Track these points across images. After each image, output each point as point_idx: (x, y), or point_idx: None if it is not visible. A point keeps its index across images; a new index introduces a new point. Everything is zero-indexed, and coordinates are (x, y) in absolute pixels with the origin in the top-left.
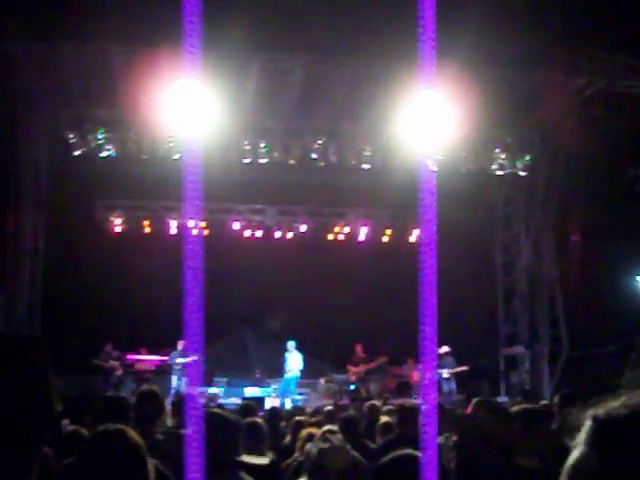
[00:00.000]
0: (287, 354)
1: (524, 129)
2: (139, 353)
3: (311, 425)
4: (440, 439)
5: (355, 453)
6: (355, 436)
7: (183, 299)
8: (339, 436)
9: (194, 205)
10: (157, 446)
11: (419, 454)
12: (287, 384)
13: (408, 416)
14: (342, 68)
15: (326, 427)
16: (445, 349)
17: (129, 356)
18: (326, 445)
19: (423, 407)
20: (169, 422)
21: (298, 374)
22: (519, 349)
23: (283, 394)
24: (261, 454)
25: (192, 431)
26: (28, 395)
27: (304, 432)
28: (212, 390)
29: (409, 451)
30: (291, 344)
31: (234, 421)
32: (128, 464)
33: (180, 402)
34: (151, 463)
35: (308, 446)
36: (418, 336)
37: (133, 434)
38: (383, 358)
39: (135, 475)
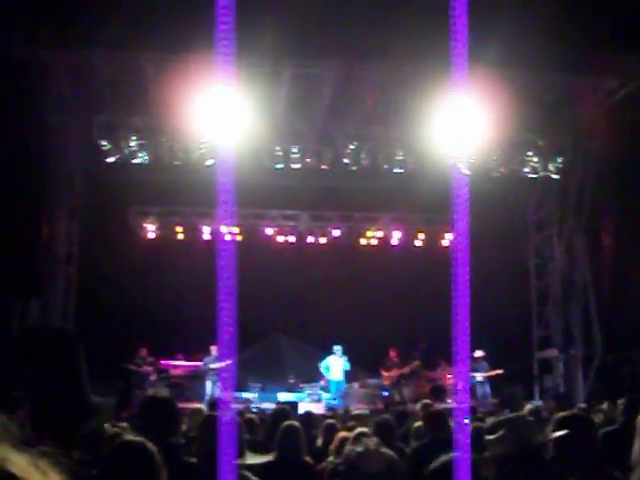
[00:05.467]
0: (333, 357)
1: (556, 132)
2: (175, 358)
3: (346, 429)
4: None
5: (392, 455)
6: (389, 440)
7: (217, 304)
8: (375, 439)
9: (226, 211)
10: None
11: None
12: (338, 387)
13: (438, 421)
14: (373, 72)
15: (358, 430)
16: (479, 353)
17: (163, 361)
18: (361, 448)
19: (455, 411)
20: None
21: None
22: (553, 352)
23: (339, 397)
24: (298, 456)
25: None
26: (61, 385)
27: (338, 436)
28: (246, 395)
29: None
30: (338, 348)
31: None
32: (144, 476)
33: (215, 406)
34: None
35: (346, 449)
36: (451, 340)
37: (147, 445)
38: (416, 363)
39: None
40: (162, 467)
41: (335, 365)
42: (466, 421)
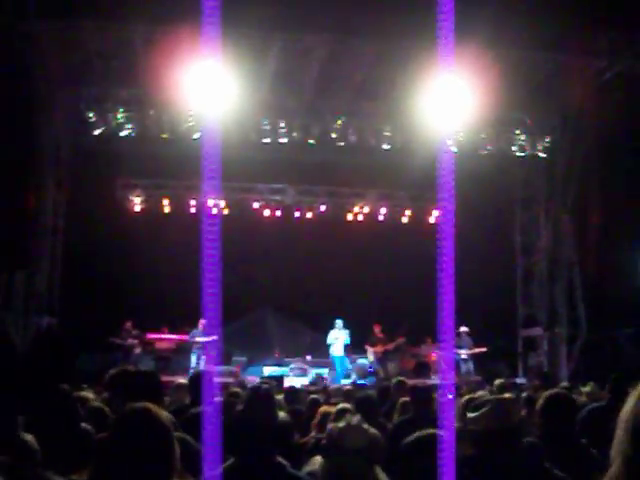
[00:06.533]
0: (334, 332)
1: (544, 111)
2: (161, 331)
3: (328, 404)
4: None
5: (374, 431)
6: (371, 415)
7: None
8: (357, 415)
9: (213, 184)
10: None
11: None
12: (342, 363)
13: (422, 397)
14: (362, 48)
15: (340, 406)
16: (463, 329)
17: (149, 334)
18: (343, 424)
19: (439, 387)
20: (186, 400)
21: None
22: (537, 331)
23: (342, 374)
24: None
25: (209, 408)
26: None
27: (320, 410)
28: (230, 367)
29: (432, 431)
30: (339, 322)
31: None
32: (155, 442)
33: (196, 380)
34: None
35: (328, 425)
36: (436, 316)
37: (160, 412)
38: (401, 339)
39: (162, 452)
40: (172, 432)
41: (337, 340)
42: (450, 397)
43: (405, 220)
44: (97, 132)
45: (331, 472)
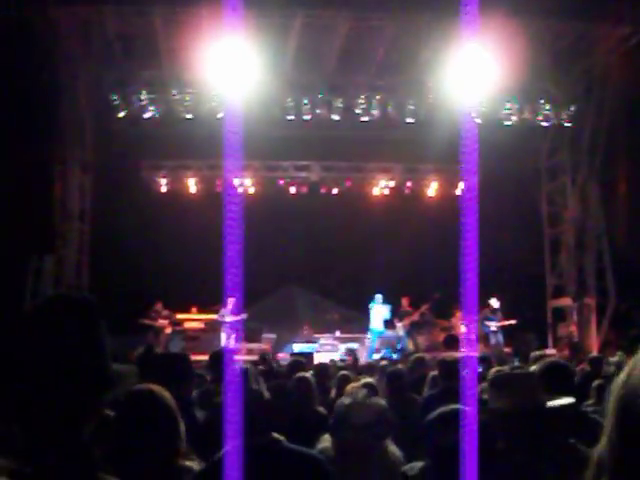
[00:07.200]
0: (375, 307)
1: (569, 79)
2: (190, 311)
3: (356, 380)
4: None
5: (382, 406)
6: (400, 389)
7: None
8: (364, 390)
9: (236, 163)
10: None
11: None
12: (379, 337)
13: (450, 370)
14: (384, 22)
15: (362, 381)
16: (494, 302)
17: (179, 315)
18: (348, 401)
19: (465, 360)
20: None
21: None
22: (566, 301)
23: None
24: (310, 408)
25: (231, 389)
26: (78, 353)
27: (348, 387)
28: (261, 345)
29: (456, 406)
30: (379, 296)
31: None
32: (157, 423)
33: (217, 357)
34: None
35: (337, 402)
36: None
37: (164, 394)
38: (425, 307)
39: (165, 433)
40: (176, 413)
41: (376, 314)
42: (479, 370)
43: (431, 193)
44: (121, 115)
45: (339, 448)
